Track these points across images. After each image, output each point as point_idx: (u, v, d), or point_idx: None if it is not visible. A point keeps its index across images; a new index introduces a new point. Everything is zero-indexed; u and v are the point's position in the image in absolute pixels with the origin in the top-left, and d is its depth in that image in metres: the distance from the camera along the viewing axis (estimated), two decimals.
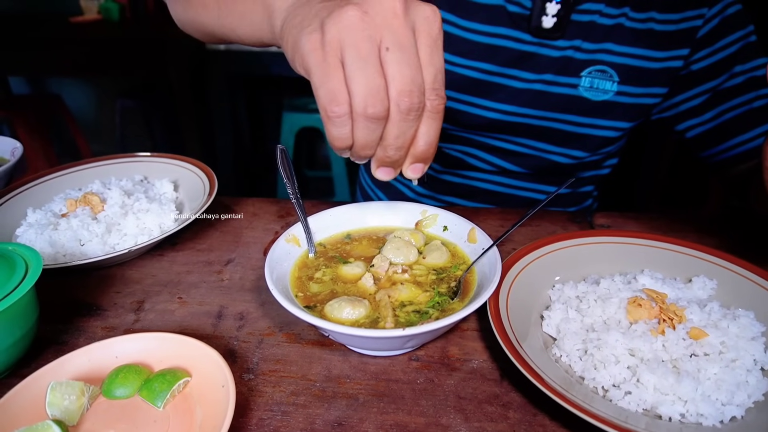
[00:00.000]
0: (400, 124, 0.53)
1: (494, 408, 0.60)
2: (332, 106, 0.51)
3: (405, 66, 0.51)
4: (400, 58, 0.50)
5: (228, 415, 0.52)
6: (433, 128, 0.55)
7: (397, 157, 0.56)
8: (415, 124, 0.53)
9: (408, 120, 0.53)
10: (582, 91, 1.01)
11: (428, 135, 0.55)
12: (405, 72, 0.51)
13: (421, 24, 0.52)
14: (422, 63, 0.52)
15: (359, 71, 0.50)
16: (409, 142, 0.55)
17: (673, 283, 0.73)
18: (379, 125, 0.53)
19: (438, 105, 0.53)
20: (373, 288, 0.70)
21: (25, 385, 0.56)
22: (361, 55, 0.50)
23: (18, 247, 0.67)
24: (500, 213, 1.01)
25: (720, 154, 1.07)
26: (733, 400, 0.56)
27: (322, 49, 0.51)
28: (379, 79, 0.50)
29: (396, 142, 0.54)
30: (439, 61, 0.53)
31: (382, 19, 0.51)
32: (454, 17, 1.00)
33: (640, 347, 0.61)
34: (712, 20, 0.98)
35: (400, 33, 0.51)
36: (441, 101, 0.53)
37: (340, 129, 0.53)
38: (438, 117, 0.54)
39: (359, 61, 0.50)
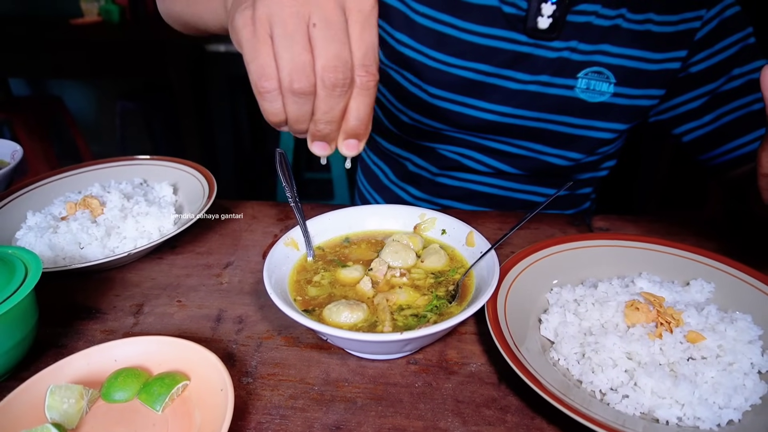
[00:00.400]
0: (327, 99, 0.53)
1: (492, 411, 0.60)
2: (261, 81, 0.52)
3: (330, 42, 0.51)
4: (326, 35, 0.51)
5: (227, 418, 0.52)
6: (364, 104, 0.55)
7: (327, 131, 0.57)
8: (342, 100, 0.54)
9: (334, 96, 0.53)
10: (578, 93, 1.01)
11: (358, 111, 0.55)
12: (330, 47, 0.51)
13: (351, 1, 0.52)
14: (352, 39, 0.52)
15: (286, 47, 0.51)
16: (339, 117, 0.55)
17: (671, 286, 0.73)
18: (308, 100, 0.53)
19: (367, 81, 0.53)
20: (371, 291, 0.70)
21: (25, 389, 0.57)
22: (288, 31, 0.51)
23: (17, 251, 0.68)
24: (498, 216, 1.01)
25: (718, 158, 1.07)
26: (730, 404, 0.57)
27: (253, 24, 0.52)
28: (305, 55, 0.51)
29: (325, 116, 0.55)
30: (370, 37, 0.53)
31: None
32: (449, 17, 1.00)
33: (637, 351, 0.61)
34: (710, 22, 0.98)
35: (328, 9, 0.51)
36: (371, 78, 0.53)
37: (271, 104, 0.54)
38: (368, 93, 0.54)
39: (286, 38, 0.51)
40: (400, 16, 1.03)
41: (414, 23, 1.02)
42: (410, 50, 1.04)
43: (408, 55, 1.04)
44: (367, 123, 0.57)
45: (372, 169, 1.33)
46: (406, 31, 1.03)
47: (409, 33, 1.03)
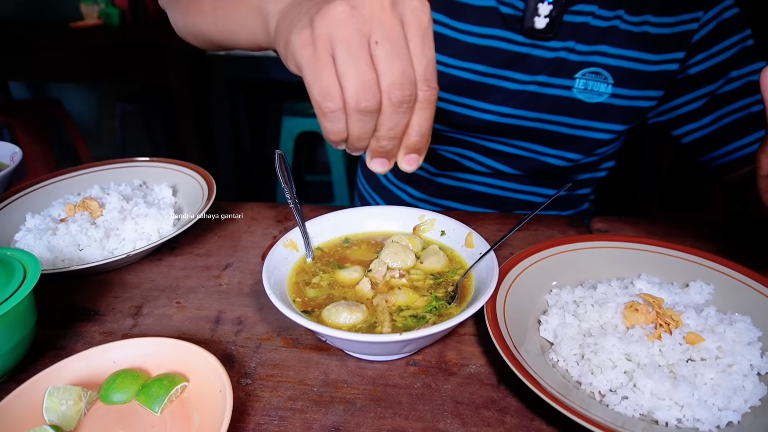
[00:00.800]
0: (392, 116, 0.53)
1: (491, 413, 0.60)
2: (326, 102, 0.52)
3: (395, 59, 0.51)
4: (389, 52, 0.51)
5: (225, 420, 0.52)
6: (425, 118, 0.55)
7: (390, 147, 0.57)
8: (407, 116, 0.54)
9: (400, 112, 0.53)
10: (576, 93, 1.02)
11: (420, 126, 0.55)
12: (395, 65, 0.51)
13: (409, 16, 0.52)
14: (412, 54, 0.52)
15: (350, 66, 0.51)
16: (401, 133, 0.56)
17: (670, 287, 0.73)
18: (372, 118, 0.53)
19: (430, 96, 0.53)
20: (370, 293, 0.70)
21: (23, 390, 0.57)
22: (351, 49, 0.51)
23: (16, 252, 0.68)
24: (498, 217, 1.01)
25: (718, 159, 1.08)
26: (729, 405, 0.56)
27: (313, 45, 0.52)
28: (370, 73, 0.51)
29: (389, 133, 0.55)
30: (429, 51, 0.53)
31: (370, 12, 0.51)
32: (446, 18, 1.00)
33: (636, 352, 0.61)
34: (708, 24, 0.98)
35: (388, 26, 0.51)
36: (433, 92, 0.53)
37: (335, 124, 0.54)
38: (430, 107, 0.54)
39: (350, 56, 0.51)
40: None
41: None
42: None
43: None
44: (428, 137, 0.57)
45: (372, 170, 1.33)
46: None
47: None
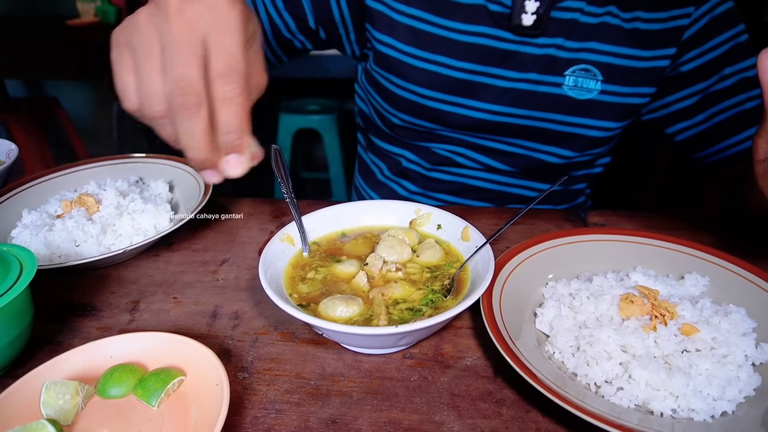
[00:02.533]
0: (181, 123, 0.51)
1: (488, 405, 0.60)
2: (125, 104, 0.53)
3: (173, 65, 0.50)
4: (172, 60, 0.50)
5: (222, 413, 0.52)
6: (231, 114, 0.52)
7: (201, 157, 0.53)
8: (198, 119, 0.51)
9: (185, 117, 0.51)
10: (566, 90, 1.02)
11: (228, 123, 0.52)
12: (177, 71, 0.50)
13: (203, 14, 0.50)
14: (210, 50, 0.50)
15: (139, 71, 0.52)
16: (203, 139, 0.52)
17: (666, 280, 0.73)
18: (165, 123, 0.53)
19: (229, 91, 0.51)
20: (366, 286, 0.70)
21: (20, 385, 0.57)
22: (141, 55, 0.51)
23: (12, 248, 0.67)
24: (494, 212, 1.01)
25: (712, 156, 1.08)
26: (724, 395, 0.57)
27: (117, 47, 0.54)
28: (155, 80, 0.51)
29: (189, 141, 0.52)
30: (230, 46, 0.51)
31: (164, 16, 0.50)
32: (434, 17, 1.00)
33: (632, 343, 0.61)
34: (700, 20, 0.98)
35: (175, 31, 0.50)
36: (231, 87, 0.51)
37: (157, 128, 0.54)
38: (233, 102, 0.51)
39: (141, 61, 0.51)
40: (384, 18, 1.02)
41: (398, 24, 1.01)
42: (395, 51, 1.03)
43: (394, 56, 1.04)
44: (240, 134, 0.53)
45: (368, 166, 1.34)
46: (388, 33, 1.03)
47: (391, 34, 1.03)
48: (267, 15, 1.03)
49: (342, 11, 1.04)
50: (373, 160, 1.32)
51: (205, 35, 0.50)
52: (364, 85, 1.20)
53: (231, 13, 0.51)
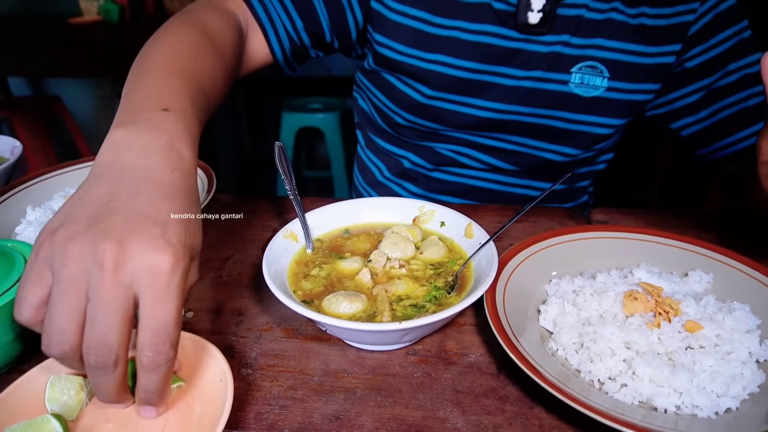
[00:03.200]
0: (93, 376, 0.49)
1: (491, 401, 0.60)
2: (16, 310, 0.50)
3: (100, 326, 0.47)
4: (96, 318, 0.47)
5: (226, 408, 0.52)
6: (153, 380, 0.50)
7: (108, 401, 0.52)
8: (111, 377, 0.49)
9: (98, 374, 0.49)
10: (572, 88, 1.01)
11: (148, 385, 0.51)
12: (100, 330, 0.47)
13: (141, 277, 0.47)
14: (142, 317, 0.48)
15: (56, 307, 0.48)
16: (113, 392, 0.50)
17: (670, 277, 0.73)
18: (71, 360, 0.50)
19: (154, 360, 0.48)
20: (370, 283, 0.70)
21: (24, 381, 0.57)
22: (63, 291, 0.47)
23: (17, 244, 0.68)
24: (498, 209, 1.01)
25: (715, 153, 1.07)
26: (728, 392, 0.57)
27: (36, 255, 0.50)
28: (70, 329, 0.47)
29: (102, 390, 0.50)
30: (162, 314, 0.48)
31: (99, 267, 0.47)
32: (435, 17, 0.99)
33: (635, 340, 0.61)
34: (705, 16, 0.98)
35: (106, 288, 0.46)
36: (158, 356, 0.48)
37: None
38: (157, 370, 0.49)
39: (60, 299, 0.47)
40: (383, 19, 1.01)
41: (398, 25, 1.01)
42: (395, 53, 1.03)
43: (394, 58, 1.03)
44: (160, 395, 0.52)
45: (367, 166, 1.33)
46: (389, 35, 1.02)
47: (392, 36, 1.02)
48: (287, 35, 1.02)
49: (357, 21, 1.03)
50: (372, 160, 1.31)
51: (137, 294, 0.48)
52: (364, 84, 1.20)
53: (171, 282, 0.48)
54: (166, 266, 0.48)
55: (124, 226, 0.49)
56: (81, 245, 0.48)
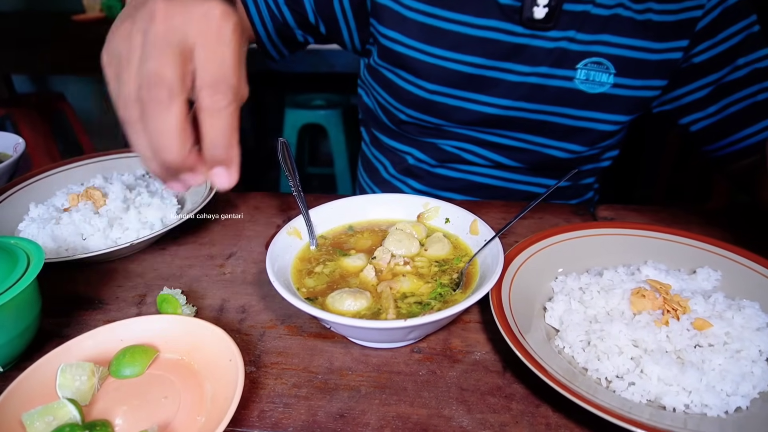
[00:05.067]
0: (149, 120, 0.49)
1: (497, 399, 0.59)
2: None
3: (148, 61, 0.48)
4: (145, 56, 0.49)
5: (239, 386, 0.53)
6: (217, 128, 0.50)
7: (171, 158, 0.51)
8: (168, 116, 0.48)
9: (153, 113, 0.49)
10: (578, 84, 1.00)
11: (214, 136, 0.50)
12: (148, 65, 0.48)
13: (194, 24, 0.49)
14: (197, 59, 0.49)
15: (120, 77, 0.51)
16: (175, 138, 0.49)
17: (677, 274, 0.72)
18: (136, 129, 0.51)
19: (215, 102, 0.49)
20: (374, 280, 0.69)
21: (34, 370, 0.57)
22: (123, 58, 0.51)
23: (20, 241, 0.67)
24: (503, 206, 1.00)
25: (723, 149, 1.06)
26: (737, 391, 0.56)
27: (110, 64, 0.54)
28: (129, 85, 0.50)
29: (158, 141, 0.50)
30: (221, 56, 0.49)
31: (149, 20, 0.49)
32: (444, 11, 0.98)
33: (643, 338, 0.61)
34: (712, 11, 0.97)
35: (157, 31, 0.49)
36: (218, 98, 0.49)
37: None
38: (220, 115, 0.49)
39: (121, 65, 0.51)
40: (392, 14, 1.01)
41: (407, 20, 1.00)
42: (404, 47, 1.02)
43: (402, 52, 1.03)
44: (227, 148, 0.52)
45: (372, 163, 1.33)
46: (398, 29, 1.02)
47: (402, 30, 1.01)
48: (267, 8, 1.02)
49: (343, 7, 1.03)
50: (377, 157, 1.31)
51: (193, 44, 0.49)
52: (368, 80, 1.19)
53: (224, 25, 0.49)
54: (217, 11, 0.49)
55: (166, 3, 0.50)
56: (130, 19, 0.51)
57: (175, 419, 0.55)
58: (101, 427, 0.53)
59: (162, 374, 0.60)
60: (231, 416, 0.51)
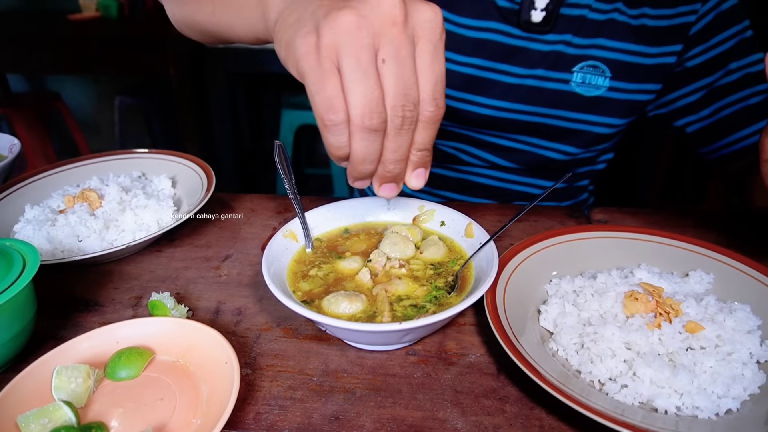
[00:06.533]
0: (395, 138, 0.52)
1: (491, 402, 0.60)
2: (329, 114, 0.50)
3: (399, 80, 0.49)
4: (396, 72, 0.49)
5: (234, 388, 0.53)
6: (428, 137, 0.54)
7: (397, 171, 0.55)
8: (410, 136, 0.53)
9: (402, 134, 0.52)
10: (574, 87, 1.01)
11: (422, 143, 0.54)
12: (399, 86, 0.49)
13: (421, 29, 0.50)
14: (420, 71, 0.51)
15: (357, 81, 0.49)
16: (407, 154, 0.54)
17: (670, 277, 0.73)
18: (377, 137, 0.52)
19: (435, 115, 0.52)
20: (370, 283, 0.70)
21: (29, 372, 0.57)
22: (359, 64, 0.49)
23: (15, 243, 0.67)
24: (498, 208, 1.01)
25: (717, 151, 1.07)
26: (728, 393, 0.57)
27: (317, 53, 0.50)
28: (377, 91, 0.49)
29: (393, 155, 0.53)
30: (439, 68, 0.51)
31: (380, 26, 0.49)
32: (444, 12, 1.00)
33: (636, 341, 0.61)
34: (706, 16, 0.98)
35: (397, 43, 0.49)
36: (437, 111, 0.52)
37: (338, 138, 0.52)
38: (433, 126, 0.53)
39: (357, 71, 0.49)
40: None
41: None
42: None
43: None
44: (430, 151, 0.56)
45: None
46: None
47: None
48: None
49: None
50: None
51: (416, 50, 0.50)
52: None
53: (443, 33, 0.51)
54: (440, 19, 0.51)
55: None
56: (354, 15, 0.49)
57: (170, 421, 0.55)
58: (97, 429, 0.53)
59: (158, 376, 0.60)
60: (227, 418, 0.51)
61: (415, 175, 0.57)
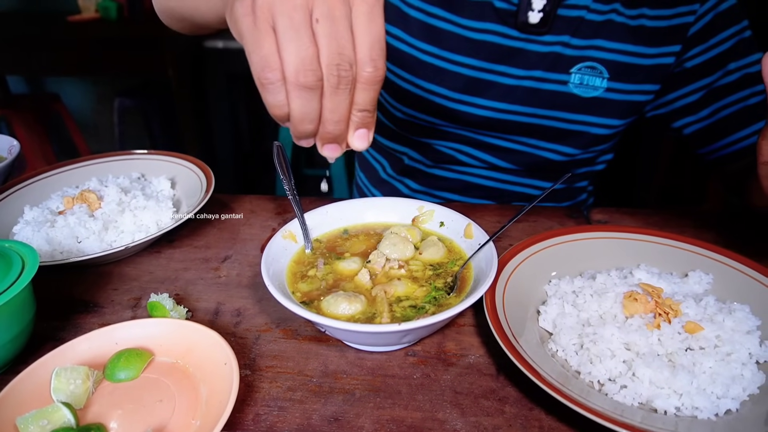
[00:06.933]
0: (332, 97, 0.52)
1: (491, 402, 0.60)
2: (265, 72, 0.51)
3: (333, 39, 0.50)
4: (329, 31, 0.50)
5: (233, 389, 0.53)
6: (369, 97, 0.53)
7: (337, 131, 0.55)
8: (348, 96, 0.53)
9: (339, 93, 0.52)
10: (572, 88, 1.01)
11: (362, 104, 0.54)
12: (333, 45, 0.50)
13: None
14: (357, 32, 0.51)
15: (290, 40, 0.50)
16: (346, 114, 0.54)
17: (669, 277, 0.73)
18: (314, 96, 0.52)
19: (372, 76, 0.52)
20: (369, 284, 0.70)
21: (29, 373, 0.57)
22: (293, 23, 0.49)
23: (14, 244, 0.67)
24: (497, 209, 1.01)
25: (717, 152, 1.07)
26: (728, 393, 0.57)
27: (253, 14, 0.51)
28: (311, 49, 0.50)
29: (332, 116, 0.53)
30: (376, 29, 0.51)
31: None
32: (443, 12, 1.00)
33: (635, 341, 0.61)
34: (704, 16, 0.98)
35: (331, 3, 0.50)
36: (376, 72, 0.52)
37: (275, 95, 0.52)
38: (373, 88, 0.53)
39: (290, 30, 0.50)
40: (394, 9, 1.02)
41: (408, 17, 1.02)
42: (404, 45, 1.04)
43: (402, 49, 1.04)
44: (373, 113, 0.56)
45: (370, 163, 1.33)
46: (399, 25, 1.03)
47: (403, 27, 1.03)
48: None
49: None
50: (375, 157, 1.31)
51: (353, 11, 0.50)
52: None
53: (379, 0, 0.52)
54: None
55: None
56: None
57: (170, 423, 0.55)
58: (96, 430, 0.53)
59: (157, 378, 0.60)
60: (226, 419, 0.51)
61: (357, 136, 0.57)
